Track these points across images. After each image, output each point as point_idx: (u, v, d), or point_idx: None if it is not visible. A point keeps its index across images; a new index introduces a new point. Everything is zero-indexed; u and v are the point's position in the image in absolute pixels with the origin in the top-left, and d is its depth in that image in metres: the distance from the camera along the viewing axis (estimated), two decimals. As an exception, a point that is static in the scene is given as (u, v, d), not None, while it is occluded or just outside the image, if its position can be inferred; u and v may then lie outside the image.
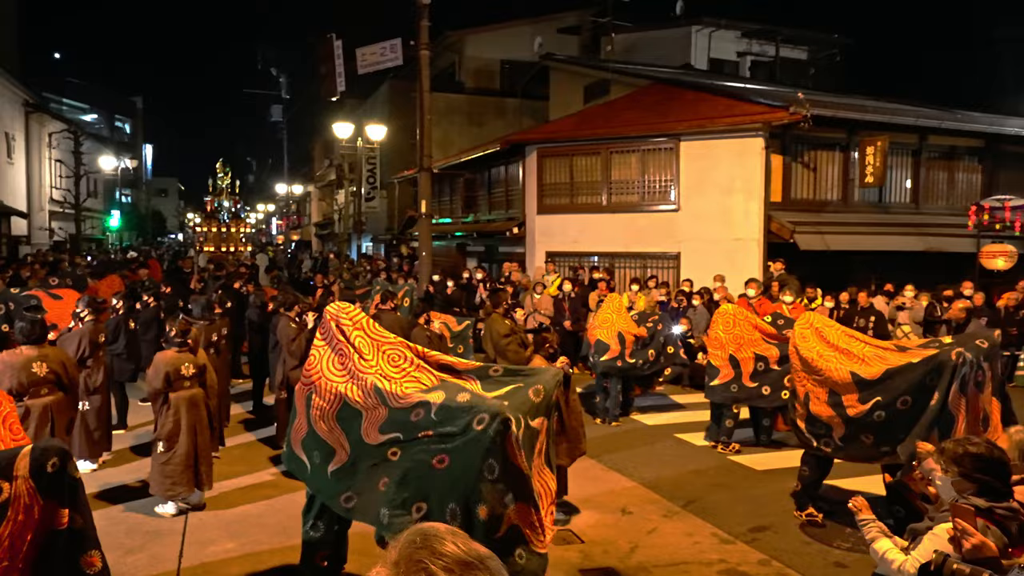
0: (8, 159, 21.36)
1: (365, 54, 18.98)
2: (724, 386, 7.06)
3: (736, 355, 7.00)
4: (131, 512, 5.56)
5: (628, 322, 8.16)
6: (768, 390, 6.87)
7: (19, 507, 2.56)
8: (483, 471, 3.29)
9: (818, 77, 22.37)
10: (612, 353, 7.96)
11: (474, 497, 3.30)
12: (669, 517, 5.58)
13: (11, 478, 2.56)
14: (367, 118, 24.17)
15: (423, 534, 1.12)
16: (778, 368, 6.79)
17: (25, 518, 2.57)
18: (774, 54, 22.16)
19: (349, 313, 4.00)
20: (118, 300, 8.24)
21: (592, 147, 13.53)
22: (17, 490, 2.56)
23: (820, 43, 23.35)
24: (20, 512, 2.56)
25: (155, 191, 50.72)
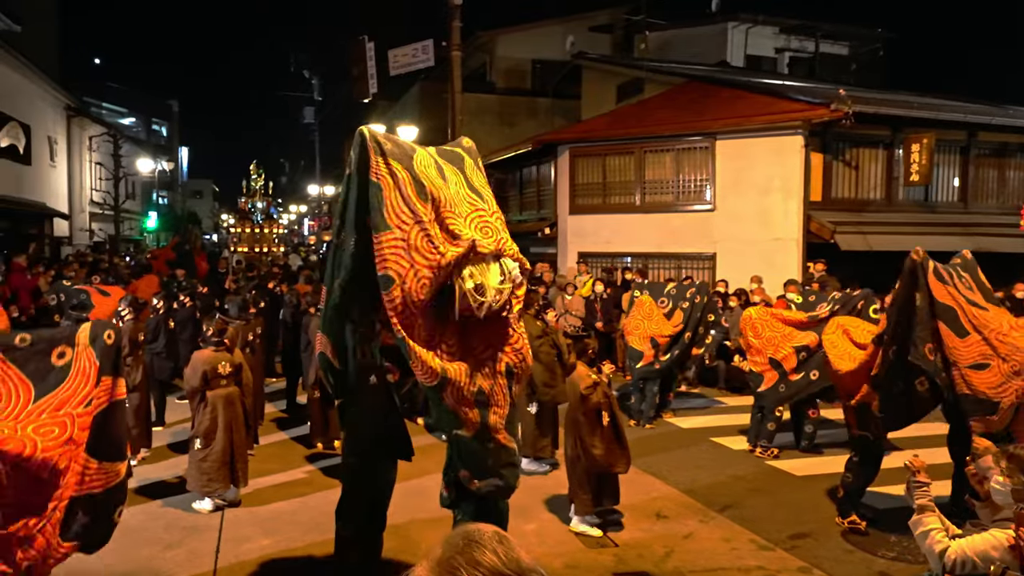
0: (51, 162, 22.08)
1: (397, 55, 19.13)
2: (772, 389, 6.96)
3: (775, 356, 6.90)
4: (169, 507, 5.71)
5: (660, 324, 8.09)
6: (817, 374, 6.71)
7: (79, 368, 3.13)
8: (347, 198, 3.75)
9: (860, 73, 21.89)
10: (647, 359, 7.93)
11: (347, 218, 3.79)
12: (705, 522, 5.51)
13: (74, 344, 3.15)
14: (398, 119, 24.42)
15: (467, 538, 1.10)
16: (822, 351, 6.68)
17: (83, 380, 3.13)
18: (813, 50, 21.76)
19: None
20: (158, 300, 8.47)
21: (626, 146, 13.45)
22: (78, 355, 3.14)
23: (862, 38, 22.85)
24: (79, 373, 3.12)
25: (190, 193, 51.92)
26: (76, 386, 3.06)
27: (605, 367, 5.71)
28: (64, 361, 3.08)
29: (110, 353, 3.16)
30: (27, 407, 2.96)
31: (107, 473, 3.11)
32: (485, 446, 3.62)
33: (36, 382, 3.01)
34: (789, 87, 13.96)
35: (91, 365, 3.10)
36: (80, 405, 3.04)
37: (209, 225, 52.98)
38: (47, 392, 3.01)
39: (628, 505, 5.67)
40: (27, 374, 3.01)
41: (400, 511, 4.77)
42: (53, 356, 3.08)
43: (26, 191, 19.71)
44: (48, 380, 3.03)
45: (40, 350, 3.06)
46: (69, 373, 3.07)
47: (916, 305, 4.79)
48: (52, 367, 3.05)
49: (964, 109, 13.30)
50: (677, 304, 8.31)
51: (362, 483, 4.36)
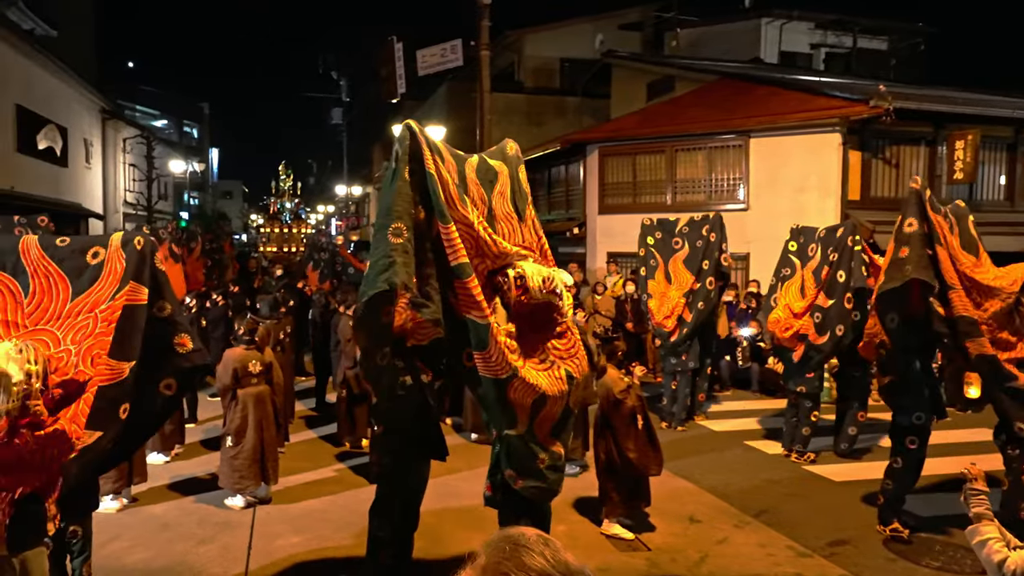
0: (86, 164, 22.68)
1: (425, 55, 19.27)
2: (805, 359, 6.86)
3: (800, 332, 6.88)
4: (201, 503, 5.81)
5: (681, 287, 8.11)
6: (842, 328, 6.64)
7: (111, 270, 3.30)
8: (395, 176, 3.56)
9: (899, 69, 21.43)
10: (675, 334, 7.90)
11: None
12: (740, 527, 5.44)
13: (107, 246, 3.34)
14: (425, 119, 24.59)
15: (513, 542, 1.10)
16: (832, 302, 6.70)
17: (113, 280, 3.31)
18: (851, 45, 21.35)
19: None
20: (190, 298, 8.65)
21: (656, 145, 13.35)
22: (110, 256, 3.32)
23: (901, 33, 22.36)
24: (110, 274, 3.30)
25: (221, 193, 52.97)
26: (107, 285, 3.28)
27: (636, 370, 5.67)
28: (97, 260, 3.29)
29: (138, 258, 3.31)
30: (66, 305, 3.21)
31: (113, 370, 3.23)
32: (532, 447, 3.63)
33: (73, 279, 3.24)
34: (826, 83, 13.71)
35: (120, 267, 3.29)
36: (105, 301, 3.26)
37: (239, 225, 53.97)
38: (83, 290, 3.24)
39: (660, 508, 5.62)
40: (65, 271, 3.24)
41: (431, 509, 4.79)
42: (88, 255, 3.29)
43: (63, 192, 20.29)
44: (83, 278, 3.26)
45: (76, 249, 3.30)
46: (102, 273, 3.27)
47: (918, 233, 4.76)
48: (87, 265, 3.28)
49: (1011, 104, 12.92)
50: (692, 244, 8.19)
51: (396, 483, 4.39)
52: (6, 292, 3.19)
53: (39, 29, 22.19)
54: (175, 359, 3.44)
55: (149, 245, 3.38)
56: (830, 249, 6.82)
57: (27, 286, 3.21)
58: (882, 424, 8.03)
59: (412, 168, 3.48)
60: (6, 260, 3.24)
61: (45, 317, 3.20)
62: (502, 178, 3.87)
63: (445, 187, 3.45)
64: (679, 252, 8.24)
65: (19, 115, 17.35)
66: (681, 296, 7.98)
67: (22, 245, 3.27)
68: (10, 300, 3.19)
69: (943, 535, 5.23)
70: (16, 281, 3.21)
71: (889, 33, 22.19)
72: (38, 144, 18.69)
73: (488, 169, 3.86)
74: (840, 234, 6.81)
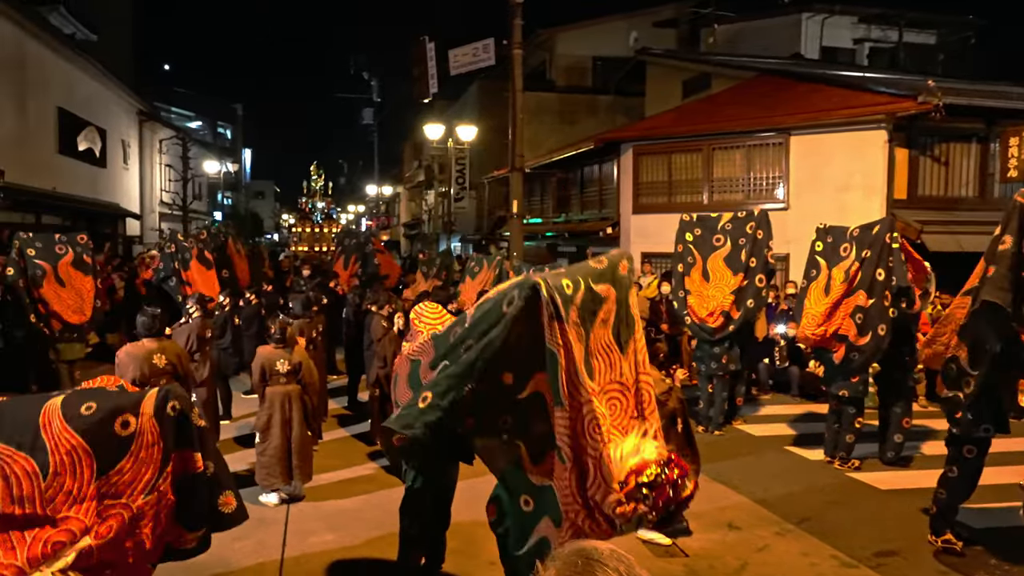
0: (124, 165, 23.33)
1: (457, 55, 19.36)
2: (845, 361, 6.67)
3: (839, 332, 6.71)
4: (236, 499, 5.90)
5: (725, 287, 7.96)
6: (884, 328, 6.42)
7: (143, 443, 2.85)
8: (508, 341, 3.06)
9: (948, 63, 20.86)
10: (721, 331, 7.79)
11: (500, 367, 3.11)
12: (782, 535, 5.33)
13: (138, 414, 2.88)
14: (457, 119, 24.72)
15: (585, 556, 1.08)
16: (873, 300, 6.47)
17: (146, 455, 2.86)
18: (896, 39, 20.85)
19: (434, 313, 4.11)
20: (224, 297, 8.82)
21: (693, 143, 13.20)
22: (142, 426, 2.86)
23: (950, 26, 21.77)
24: (143, 448, 2.85)
25: (253, 193, 54.01)
26: (138, 462, 2.86)
27: (677, 372, 5.62)
28: (128, 431, 2.86)
29: (175, 427, 2.94)
30: (90, 485, 2.80)
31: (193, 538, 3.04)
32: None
33: (99, 453, 2.83)
34: (870, 79, 13.42)
35: (155, 442, 2.89)
36: (141, 494, 2.85)
37: (271, 225, 54.97)
38: (109, 468, 2.83)
39: (697, 513, 5.53)
40: (90, 443, 2.82)
41: (463, 512, 4.78)
42: (117, 425, 2.87)
43: (101, 192, 20.89)
44: (111, 452, 2.84)
45: (104, 417, 2.86)
46: (132, 446, 2.86)
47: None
48: (115, 436, 2.85)
49: (1069, 99, 12.49)
50: (735, 241, 8.01)
51: (425, 483, 4.40)
52: (22, 475, 2.77)
53: (80, 33, 22.88)
54: (219, 519, 3.14)
55: (186, 404, 3.01)
56: (864, 247, 6.64)
57: (46, 464, 2.79)
58: (929, 431, 7.86)
59: (518, 332, 3.12)
60: (24, 437, 2.81)
61: (67, 502, 2.79)
62: (607, 304, 3.41)
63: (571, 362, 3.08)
64: (720, 249, 8.09)
65: (60, 118, 17.92)
66: (728, 293, 7.85)
67: (43, 417, 2.82)
68: (25, 483, 2.78)
69: (998, 549, 5.05)
70: (33, 460, 2.78)
71: (937, 26, 21.62)
72: (78, 146, 19.27)
73: (593, 298, 3.35)
74: (877, 231, 6.62)
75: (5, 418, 2.82)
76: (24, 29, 15.84)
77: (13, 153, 14.68)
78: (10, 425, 2.80)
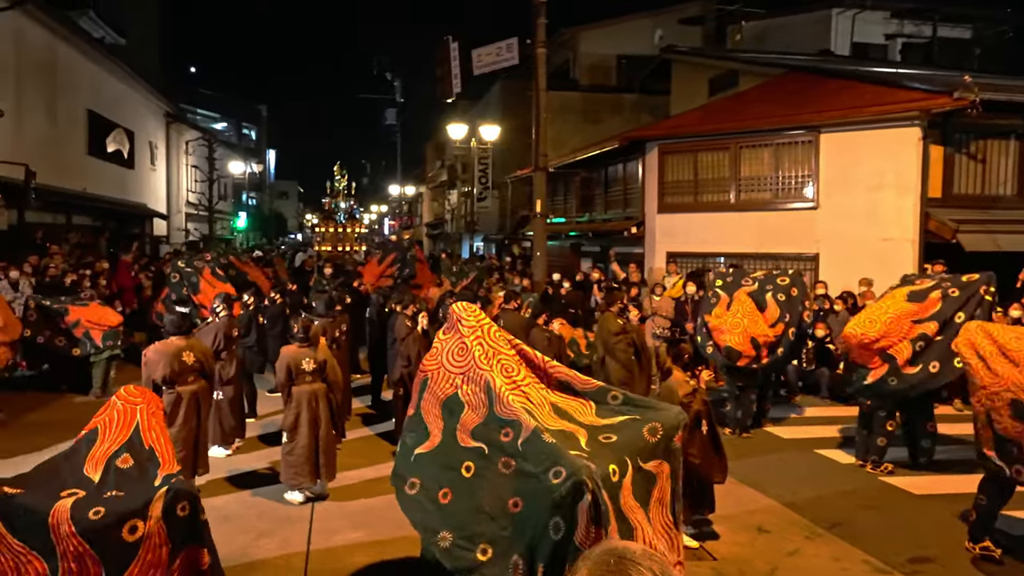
0: (151, 166, 23.77)
1: (481, 55, 19.43)
2: (881, 381, 6.52)
3: (887, 348, 6.51)
4: (260, 497, 5.98)
5: (762, 325, 7.81)
6: (937, 365, 6.24)
7: (150, 546, 2.88)
8: (548, 527, 3.09)
9: (984, 58, 20.40)
10: (746, 360, 7.65)
11: (539, 552, 3.11)
12: (812, 539, 5.25)
13: (146, 518, 2.89)
14: (480, 118, 24.78)
15: (618, 555, 1.08)
16: (941, 337, 6.26)
17: (153, 558, 2.89)
18: (930, 35, 20.45)
19: (472, 315, 4.08)
20: (250, 296, 8.95)
21: (720, 142, 13.09)
22: (150, 530, 2.88)
23: (985, 20, 21.29)
24: (150, 551, 2.87)
25: (277, 194, 54.70)
26: (147, 570, 2.87)
27: (703, 374, 5.56)
28: (135, 537, 2.87)
29: (186, 525, 2.96)
30: None
31: None
32: None
33: (107, 561, 2.84)
34: (904, 75, 13.17)
35: (162, 544, 2.90)
36: None
37: (294, 225, 55.60)
38: (118, 573, 2.85)
39: (725, 516, 5.48)
40: (97, 551, 2.82)
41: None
42: (124, 531, 2.86)
43: (129, 193, 21.30)
44: (119, 559, 2.85)
45: (111, 523, 2.86)
46: (139, 551, 2.86)
47: None
48: (123, 544, 2.85)
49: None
50: (763, 285, 8.04)
51: None
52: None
53: (108, 37, 23.37)
54: None
55: (195, 503, 3.03)
56: (956, 287, 6.48)
57: (55, 569, 2.82)
58: (965, 435, 7.67)
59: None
60: (35, 538, 2.83)
61: None
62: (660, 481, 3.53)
63: None
64: (746, 287, 8.16)
65: (90, 120, 18.32)
66: (759, 324, 7.77)
67: (52, 519, 2.83)
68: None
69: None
70: (45, 562, 2.81)
71: (972, 21, 21.14)
72: (107, 147, 19.68)
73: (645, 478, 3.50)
74: (974, 281, 6.51)
75: (17, 517, 2.84)
76: (55, 33, 16.22)
77: (44, 155, 15.03)
78: (22, 524, 2.83)
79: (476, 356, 3.85)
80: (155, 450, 3.32)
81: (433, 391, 3.95)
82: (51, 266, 11.70)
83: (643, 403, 3.77)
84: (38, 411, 8.55)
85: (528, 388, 3.72)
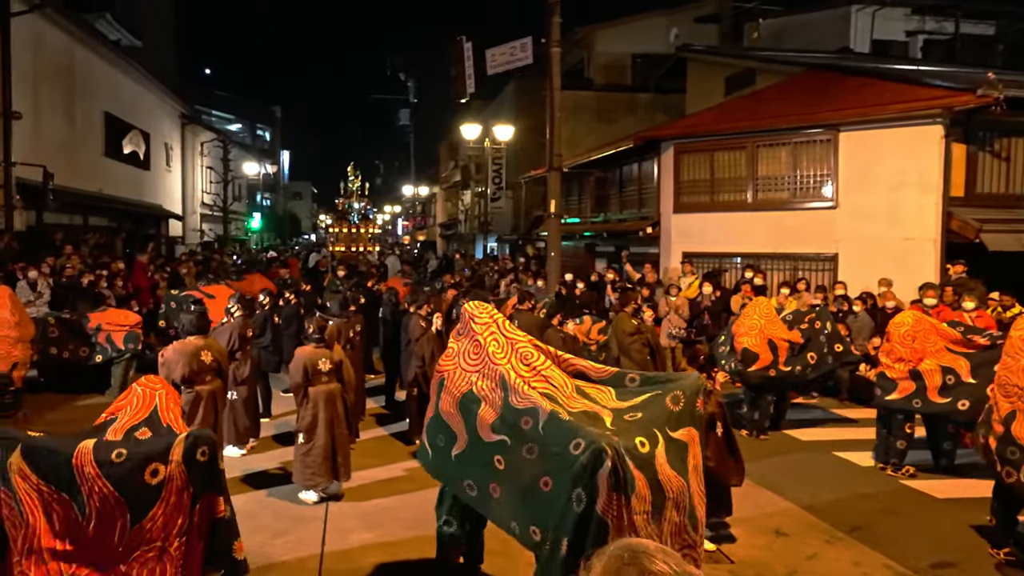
0: (167, 167, 24.03)
1: (495, 55, 19.43)
2: (905, 400, 6.47)
3: (918, 367, 6.41)
4: (275, 497, 6.03)
5: (779, 327, 7.75)
6: (967, 404, 6.12)
7: (172, 489, 2.96)
8: (572, 499, 3.13)
9: (1008, 55, 20.12)
10: (763, 363, 7.58)
11: (563, 527, 3.14)
12: (832, 543, 5.21)
13: (167, 461, 2.98)
14: (493, 119, 24.82)
15: (631, 550, 1.11)
16: (973, 381, 6.13)
17: (177, 500, 2.97)
18: (953, 31, 20.20)
19: (485, 312, 4.11)
20: (264, 296, 9.02)
21: (736, 141, 13.01)
22: (171, 473, 2.97)
23: (1009, 16, 20.98)
24: (173, 494, 2.96)
25: (291, 194, 55.08)
26: (169, 509, 2.96)
27: (718, 375, 5.53)
28: (157, 480, 2.95)
29: (203, 471, 3.04)
30: (125, 535, 2.91)
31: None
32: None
33: (131, 503, 2.93)
34: (925, 72, 13.03)
35: (184, 488, 2.99)
36: (176, 538, 2.96)
37: (308, 225, 55.95)
38: (141, 516, 2.93)
39: (742, 519, 5.45)
40: (122, 493, 2.91)
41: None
42: (147, 474, 2.95)
43: (145, 194, 21.55)
44: (142, 501, 2.93)
45: (135, 466, 2.95)
46: (162, 494, 2.95)
47: None
48: (146, 486, 2.94)
49: None
50: (798, 323, 8.04)
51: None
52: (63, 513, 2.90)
53: (125, 40, 23.63)
54: (234, 565, 3.21)
55: (213, 450, 3.11)
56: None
57: (83, 507, 2.90)
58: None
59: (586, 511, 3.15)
60: (61, 476, 2.91)
61: (104, 546, 2.90)
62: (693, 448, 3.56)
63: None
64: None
65: (107, 122, 18.56)
66: (779, 337, 7.72)
67: (76, 459, 2.92)
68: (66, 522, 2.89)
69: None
70: (73, 501, 2.90)
71: (996, 17, 20.85)
72: (123, 149, 19.92)
73: (678, 447, 3.50)
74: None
75: (41, 457, 2.92)
76: (73, 36, 16.45)
77: (62, 156, 15.25)
78: (46, 464, 2.91)
79: (491, 352, 3.88)
80: (172, 428, 3.39)
81: (450, 390, 3.98)
82: (68, 267, 11.86)
83: (662, 378, 3.79)
84: (56, 411, 8.68)
85: (548, 372, 3.77)
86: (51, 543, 2.88)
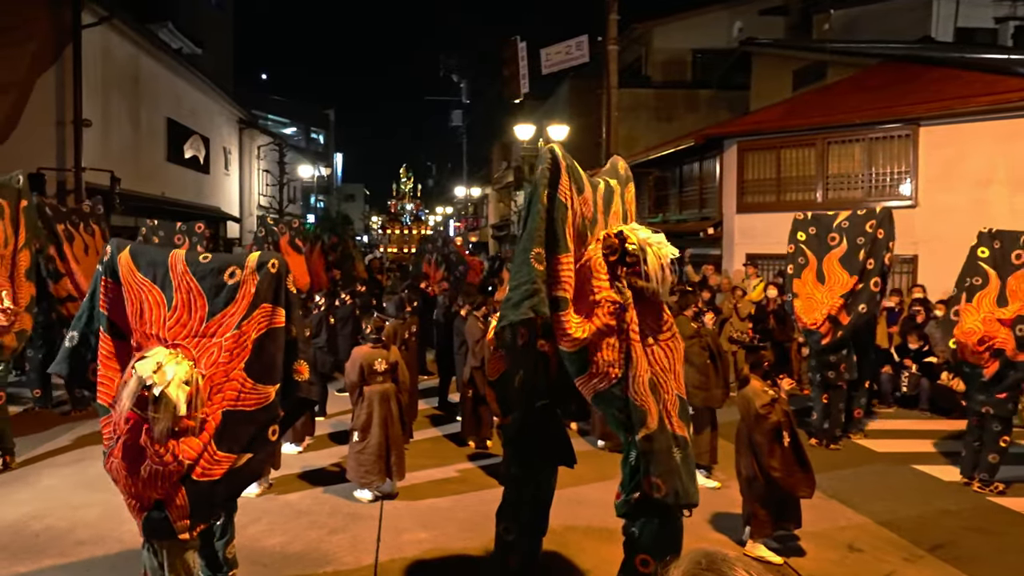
0: (225, 171, 24.94)
1: (550, 54, 19.54)
2: (997, 376, 6.25)
3: (995, 344, 6.24)
4: (331, 494, 6.18)
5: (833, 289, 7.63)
6: None
7: (245, 292, 3.47)
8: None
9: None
10: (827, 338, 7.43)
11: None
12: (911, 561, 5.01)
13: (243, 267, 3.51)
14: (547, 119, 24.84)
15: (710, 558, 1.13)
16: None
17: (247, 303, 3.47)
18: (1047, 17, 19.20)
19: None
20: (320, 297, 9.27)
21: (805, 138, 12.70)
22: (245, 277, 3.49)
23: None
24: (245, 296, 3.46)
25: (344, 196, 56.30)
26: (240, 308, 3.45)
27: (783, 383, 5.38)
28: (233, 281, 3.46)
29: (272, 281, 3.48)
30: (202, 324, 3.44)
31: (259, 394, 3.44)
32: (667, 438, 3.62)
33: (210, 298, 3.45)
34: (1017, 61, 12.45)
35: (253, 289, 3.47)
36: (233, 327, 3.43)
37: (360, 227, 57.15)
38: (217, 311, 3.44)
39: (812, 532, 5.30)
40: (204, 289, 3.46)
41: (558, 517, 4.79)
42: (225, 275, 3.48)
43: (205, 197, 22.43)
44: (219, 298, 3.46)
45: (216, 267, 3.50)
46: (236, 294, 3.45)
47: None
48: (224, 285, 3.47)
49: None
50: (852, 241, 7.67)
51: (525, 491, 4.44)
52: (154, 304, 3.47)
53: (186, 48, 24.67)
54: (291, 386, 3.60)
55: (283, 267, 3.55)
56: None
57: (171, 299, 3.45)
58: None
59: (550, 194, 3.53)
60: (157, 271, 3.49)
61: (183, 333, 3.43)
62: (615, 198, 4.02)
63: (574, 218, 3.58)
64: (835, 249, 7.77)
65: (169, 128, 19.41)
66: (837, 297, 7.51)
67: (171, 259, 3.51)
68: (155, 310, 3.46)
69: None
70: (163, 294, 3.47)
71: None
72: (185, 153, 20.79)
73: (607, 191, 3.97)
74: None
75: (143, 256, 3.58)
76: (138, 46, 17.29)
77: (128, 161, 16.03)
78: (146, 263, 3.54)
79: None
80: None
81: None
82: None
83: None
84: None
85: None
86: (141, 326, 3.48)
